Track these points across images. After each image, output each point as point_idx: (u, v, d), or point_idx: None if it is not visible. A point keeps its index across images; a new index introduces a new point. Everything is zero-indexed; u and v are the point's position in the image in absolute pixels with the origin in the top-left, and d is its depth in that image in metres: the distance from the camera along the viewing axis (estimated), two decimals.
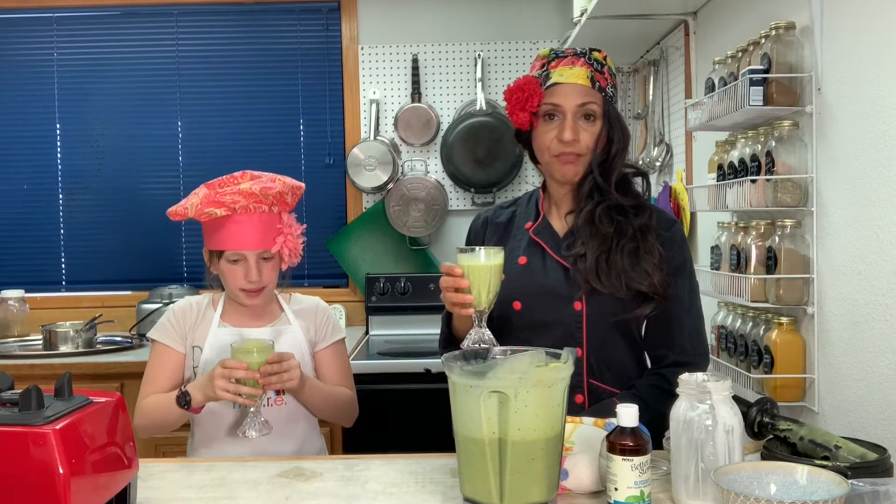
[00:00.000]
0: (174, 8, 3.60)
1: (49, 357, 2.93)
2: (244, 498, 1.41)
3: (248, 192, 1.80)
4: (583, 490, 1.35)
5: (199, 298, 1.98)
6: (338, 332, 2.00)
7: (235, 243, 1.82)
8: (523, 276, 1.68)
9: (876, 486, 1.14)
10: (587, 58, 1.65)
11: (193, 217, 1.82)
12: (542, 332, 1.64)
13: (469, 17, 3.58)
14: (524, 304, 1.67)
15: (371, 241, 3.56)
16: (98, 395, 1.26)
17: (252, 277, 1.82)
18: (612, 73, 1.69)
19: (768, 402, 1.44)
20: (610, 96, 1.67)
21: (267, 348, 1.73)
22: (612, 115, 1.66)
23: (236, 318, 1.92)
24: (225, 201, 1.79)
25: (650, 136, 3.09)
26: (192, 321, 1.91)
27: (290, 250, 1.85)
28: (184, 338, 1.90)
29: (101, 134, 3.62)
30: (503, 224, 1.79)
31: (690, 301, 1.69)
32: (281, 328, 1.92)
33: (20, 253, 3.62)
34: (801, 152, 1.79)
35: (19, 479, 1.08)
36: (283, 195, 1.84)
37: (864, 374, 1.59)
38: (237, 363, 1.69)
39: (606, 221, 1.63)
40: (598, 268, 1.60)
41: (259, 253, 1.83)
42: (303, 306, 1.99)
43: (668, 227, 1.70)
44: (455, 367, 1.28)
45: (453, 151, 3.42)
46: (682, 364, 1.66)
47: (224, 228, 1.82)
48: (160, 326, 1.92)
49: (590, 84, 1.63)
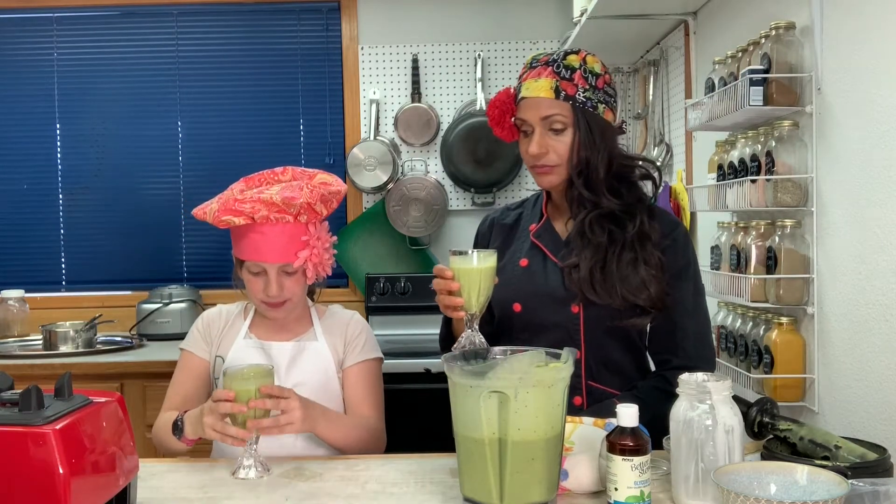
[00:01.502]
0: (174, 8, 3.60)
1: (49, 357, 2.93)
2: (244, 498, 1.41)
3: (269, 202, 1.65)
4: (583, 490, 1.35)
5: (230, 307, 1.89)
6: (370, 349, 1.85)
7: (255, 254, 1.70)
8: (523, 279, 1.68)
9: (876, 486, 1.14)
10: (556, 66, 1.60)
11: (211, 223, 1.70)
12: (542, 333, 1.64)
13: (469, 17, 3.58)
14: (524, 306, 1.67)
15: (371, 241, 3.56)
16: (98, 395, 1.26)
17: (272, 292, 1.72)
18: (590, 74, 1.61)
19: (768, 402, 1.44)
20: (581, 102, 1.59)
21: (263, 374, 1.55)
22: (583, 123, 1.59)
23: (263, 330, 1.84)
24: (244, 210, 1.66)
25: (650, 136, 3.09)
26: (218, 329, 1.84)
27: (316, 264, 1.72)
28: (210, 345, 1.83)
29: (101, 134, 3.62)
30: (509, 226, 1.79)
31: (695, 305, 1.67)
32: (305, 343, 1.81)
33: (20, 253, 3.61)
34: (801, 152, 1.79)
35: (19, 479, 1.08)
36: (310, 206, 1.68)
37: (864, 374, 1.59)
38: (224, 393, 1.51)
39: (598, 231, 1.60)
40: (593, 278, 1.58)
41: (280, 266, 1.72)
42: (334, 321, 1.87)
43: (670, 231, 1.67)
44: (455, 367, 1.28)
45: (453, 151, 3.42)
46: (686, 368, 1.64)
47: (245, 238, 1.71)
48: (188, 336, 1.87)
49: (553, 95, 1.59)
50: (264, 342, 1.82)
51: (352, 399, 1.82)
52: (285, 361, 1.79)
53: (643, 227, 1.61)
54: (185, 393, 1.81)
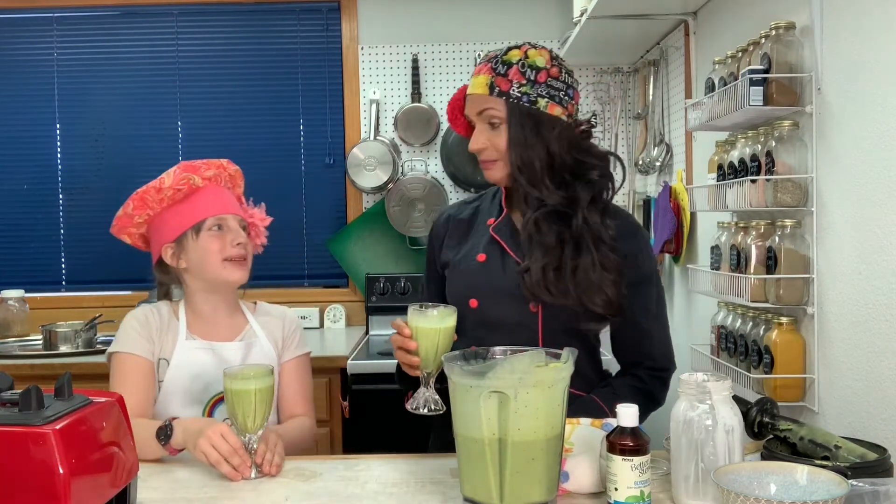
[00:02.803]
0: (174, 8, 3.60)
1: (49, 357, 2.94)
2: (244, 498, 1.41)
3: (215, 164, 1.81)
4: (584, 491, 1.35)
5: (156, 306, 1.83)
6: (304, 344, 1.90)
7: (216, 208, 1.78)
8: (480, 274, 1.64)
9: (876, 486, 1.14)
10: (494, 62, 1.60)
11: (172, 186, 1.77)
12: (498, 331, 1.60)
13: (469, 17, 3.58)
14: (480, 302, 1.64)
15: (371, 241, 3.56)
16: (98, 395, 1.26)
17: (240, 239, 1.77)
18: (529, 69, 1.57)
19: (768, 402, 1.44)
20: (516, 98, 1.56)
21: (263, 374, 1.54)
22: (516, 117, 1.56)
23: (202, 329, 1.81)
24: (199, 171, 1.79)
25: (650, 136, 3.09)
26: (156, 330, 1.78)
27: (260, 221, 1.85)
28: (152, 345, 1.76)
29: (101, 134, 3.62)
30: (466, 220, 1.75)
31: (658, 310, 1.69)
32: (251, 342, 1.82)
33: (20, 253, 3.62)
34: (801, 152, 1.79)
35: (19, 479, 1.08)
36: (234, 178, 1.87)
37: (864, 374, 1.59)
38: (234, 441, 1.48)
39: (545, 229, 1.57)
40: (546, 280, 1.55)
41: (238, 220, 1.80)
42: (270, 317, 1.89)
43: (631, 235, 1.65)
44: (455, 367, 1.27)
45: (453, 151, 3.42)
46: (654, 369, 1.68)
47: (199, 199, 1.78)
48: (123, 338, 1.76)
49: (487, 91, 1.58)
50: (213, 343, 1.79)
51: (287, 394, 1.85)
52: (237, 362, 1.78)
53: (593, 225, 1.57)
54: (141, 401, 1.71)
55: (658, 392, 1.67)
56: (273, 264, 3.59)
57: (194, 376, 1.75)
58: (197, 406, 1.76)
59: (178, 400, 1.75)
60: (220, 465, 1.47)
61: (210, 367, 1.76)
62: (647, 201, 3.10)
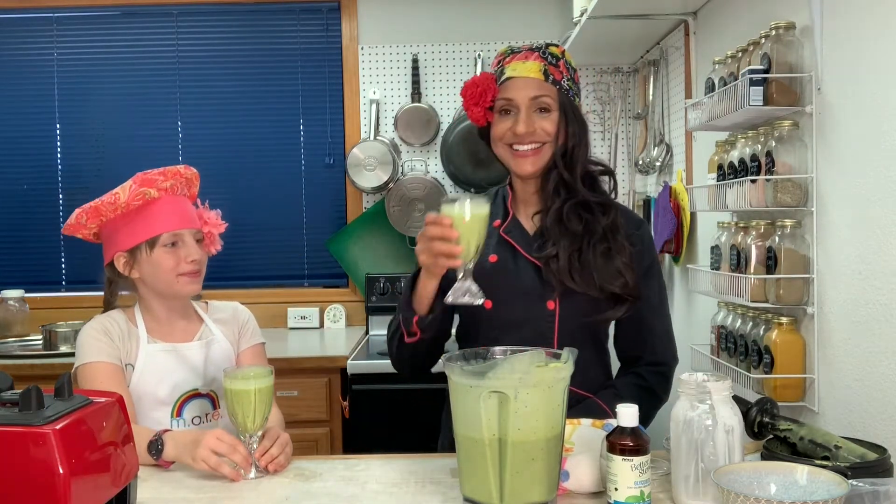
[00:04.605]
0: (174, 8, 3.60)
1: (49, 357, 2.94)
2: (244, 498, 1.41)
3: (171, 172, 1.77)
4: (584, 491, 1.35)
5: (109, 316, 1.80)
6: (257, 336, 1.91)
7: (172, 223, 1.74)
8: (494, 275, 1.64)
9: (876, 486, 1.14)
10: (542, 52, 1.65)
11: (127, 202, 1.74)
12: (513, 331, 1.61)
13: (469, 17, 3.58)
14: (495, 303, 1.63)
15: (371, 241, 3.56)
16: (98, 395, 1.26)
17: (195, 255, 1.75)
18: (569, 68, 1.67)
19: (768, 402, 1.44)
20: (566, 89, 1.64)
21: (263, 374, 1.55)
22: (569, 108, 1.64)
23: (161, 332, 1.79)
24: (155, 182, 1.75)
25: (650, 136, 3.09)
26: (118, 337, 1.75)
27: (216, 228, 1.82)
28: (117, 350, 1.74)
29: (101, 134, 3.62)
30: None
31: (660, 302, 1.70)
32: (209, 340, 1.82)
33: (20, 253, 3.62)
34: (801, 152, 1.79)
35: (19, 479, 1.08)
36: (191, 181, 1.83)
37: (864, 374, 1.59)
38: (232, 438, 1.50)
39: (575, 219, 1.61)
40: (571, 266, 1.58)
41: (193, 233, 1.77)
42: (223, 313, 1.90)
43: (637, 227, 1.70)
44: (455, 367, 1.28)
45: (453, 151, 3.42)
46: (655, 364, 1.69)
47: (155, 212, 1.74)
48: (86, 350, 1.72)
49: (543, 77, 1.62)
50: (175, 344, 1.79)
51: None
52: (201, 362, 1.79)
53: (616, 220, 1.63)
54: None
55: (660, 388, 1.67)
56: (273, 264, 3.60)
57: (160, 378, 1.75)
58: (165, 408, 1.75)
59: (147, 403, 1.74)
60: (220, 467, 1.48)
61: (174, 367, 1.76)
62: (647, 201, 3.10)
